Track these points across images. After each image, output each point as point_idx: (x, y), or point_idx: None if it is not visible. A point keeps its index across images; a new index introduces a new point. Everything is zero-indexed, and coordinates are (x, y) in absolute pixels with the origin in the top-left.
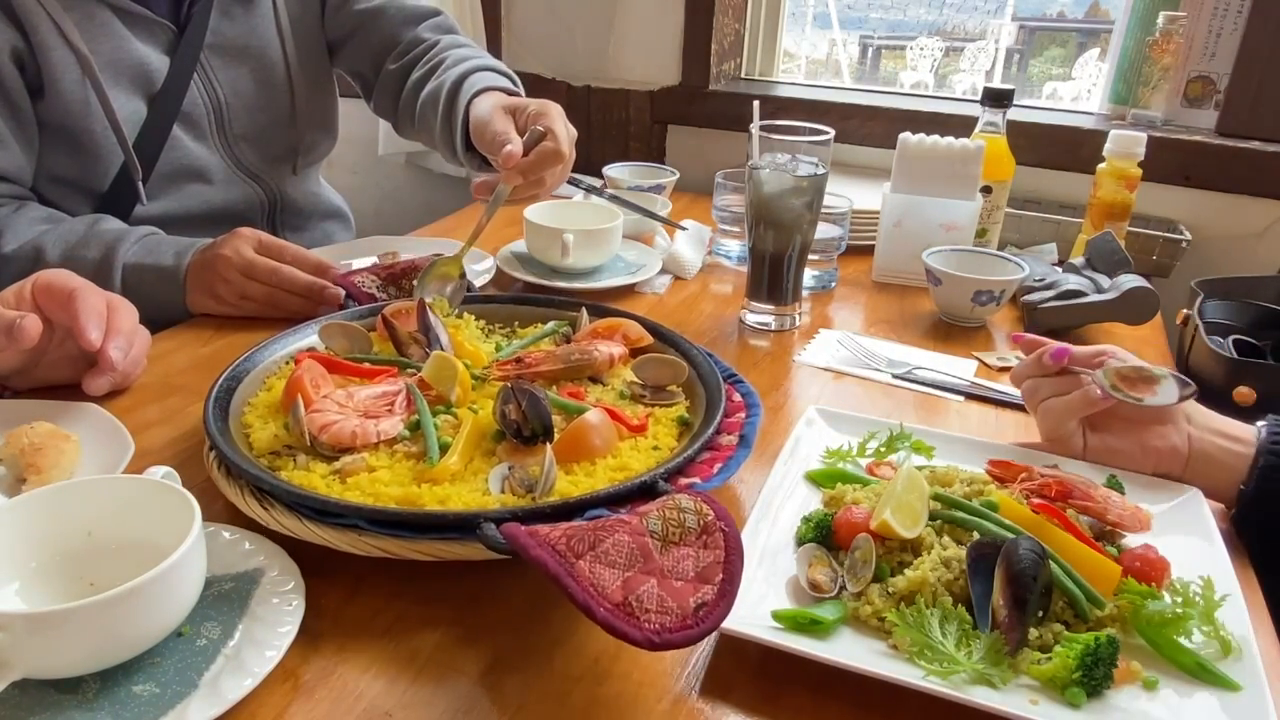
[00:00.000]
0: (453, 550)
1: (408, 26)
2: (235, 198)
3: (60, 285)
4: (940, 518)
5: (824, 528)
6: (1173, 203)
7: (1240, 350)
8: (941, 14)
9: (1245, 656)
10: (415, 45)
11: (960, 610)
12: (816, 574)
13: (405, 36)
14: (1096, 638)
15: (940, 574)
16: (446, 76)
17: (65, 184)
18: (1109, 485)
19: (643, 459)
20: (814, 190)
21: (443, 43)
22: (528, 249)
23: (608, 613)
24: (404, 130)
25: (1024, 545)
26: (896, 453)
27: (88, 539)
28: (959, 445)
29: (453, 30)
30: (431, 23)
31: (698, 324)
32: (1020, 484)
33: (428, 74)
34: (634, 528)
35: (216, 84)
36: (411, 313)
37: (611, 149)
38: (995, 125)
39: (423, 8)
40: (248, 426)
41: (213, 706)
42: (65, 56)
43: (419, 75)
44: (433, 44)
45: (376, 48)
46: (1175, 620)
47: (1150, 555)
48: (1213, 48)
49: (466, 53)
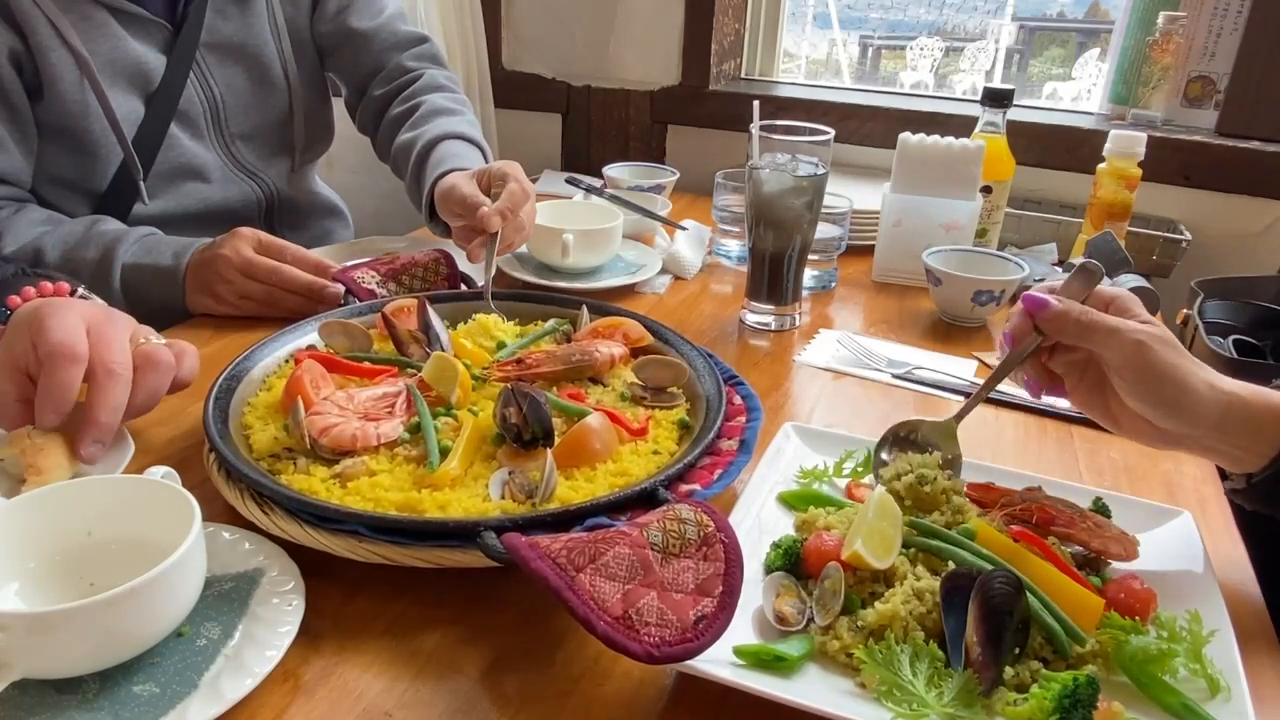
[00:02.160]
0: (453, 558)
1: (395, 52)
2: (233, 196)
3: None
4: (914, 545)
5: (793, 555)
6: (1173, 203)
7: (1240, 350)
8: (941, 14)
9: (1234, 696)
10: (399, 74)
11: (933, 647)
12: (783, 605)
13: (391, 62)
14: (1075, 677)
15: (912, 606)
16: (420, 135)
17: (64, 184)
18: (1095, 508)
19: (643, 464)
20: (814, 190)
21: (424, 79)
22: (528, 249)
23: (608, 626)
24: (381, 156)
25: (999, 577)
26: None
27: (88, 539)
28: None
29: (437, 59)
30: (416, 51)
31: (698, 324)
32: (1000, 509)
33: (405, 116)
34: (634, 540)
35: (213, 82)
36: (411, 310)
37: (611, 149)
38: (995, 125)
39: (412, 34)
40: (248, 428)
41: (213, 706)
42: (64, 57)
43: (397, 113)
44: (416, 76)
45: (363, 68)
46: (1160, 657)
47: (1135, 586)
48: (1213, 48)
49: (442, 101)
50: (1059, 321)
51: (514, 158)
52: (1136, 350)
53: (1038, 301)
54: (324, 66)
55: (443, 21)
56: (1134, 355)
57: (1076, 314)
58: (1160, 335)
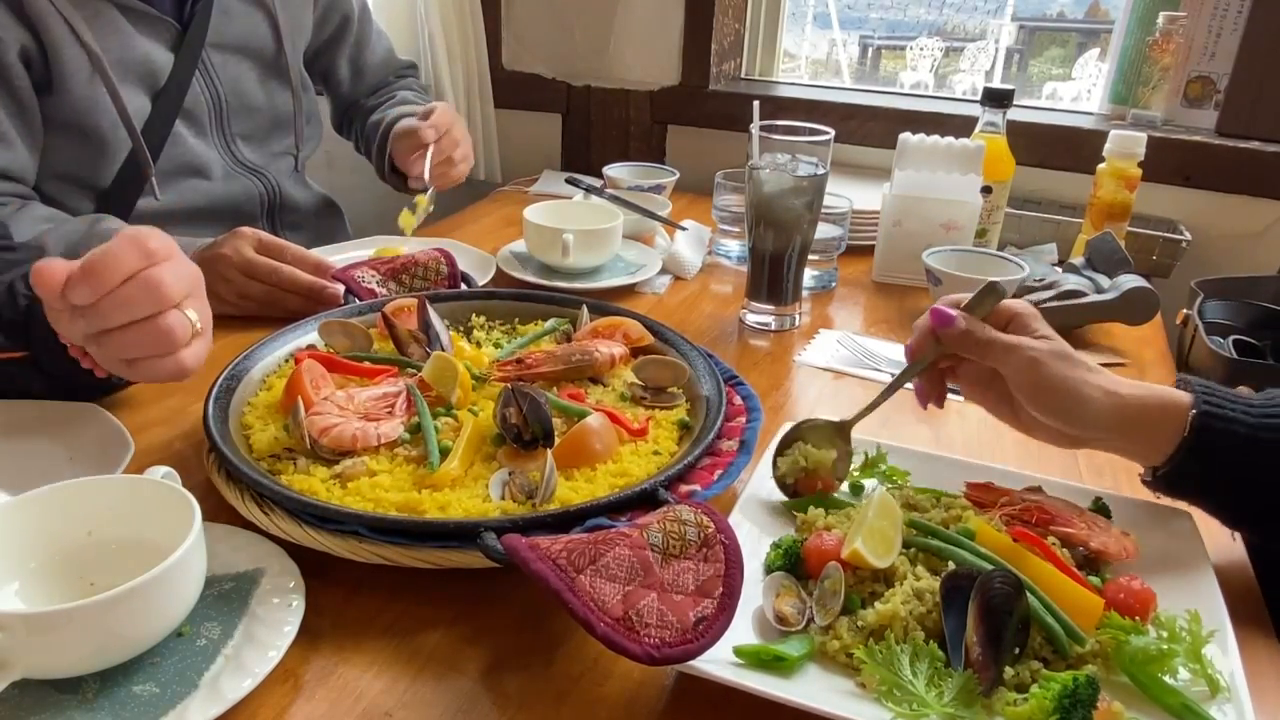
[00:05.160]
0: (453, 559)
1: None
2: (235, 193)
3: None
4: (914, 545)
5: (793, 555)
6: (1172, 203)
7: (1240, 350)
8: (941, 14)
9: (1234, 696)
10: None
11: (932, 647)
12: (784, 605)
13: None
14: (1075, 677)
15: (912, 606)
16: (385, 115)
17: (69, 180)
18: (1094, 508)
19: (643, 464)
20: (814, 190)
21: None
22: (528, 249)
23: (608, 628)
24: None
25: (999, 577)
26: (871, 478)
27: (88, 539)
28: (939, 465)
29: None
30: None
31: (698, 324)
32: (1000, 509)
33: (375, 106)
34: (635, 541)
35: (217, 81)
36: (411, 310)
37: (611, 149)
38: (995, 125)
39: (404, 62)
40: (248, 428)
41: (213, 706)
42: (76, 54)
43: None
44: (399, 87)
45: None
46: (1160, 657)
47: (1135, 587)
48: (1213, 48)
49: (409, 95)
50: (962, 339)
51: (514, 157)
52: (1031, 366)
53: (944, 317)
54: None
55: (443, 21)
56: (1029, 371)
57: (977, 332)
58: (1055, 350)
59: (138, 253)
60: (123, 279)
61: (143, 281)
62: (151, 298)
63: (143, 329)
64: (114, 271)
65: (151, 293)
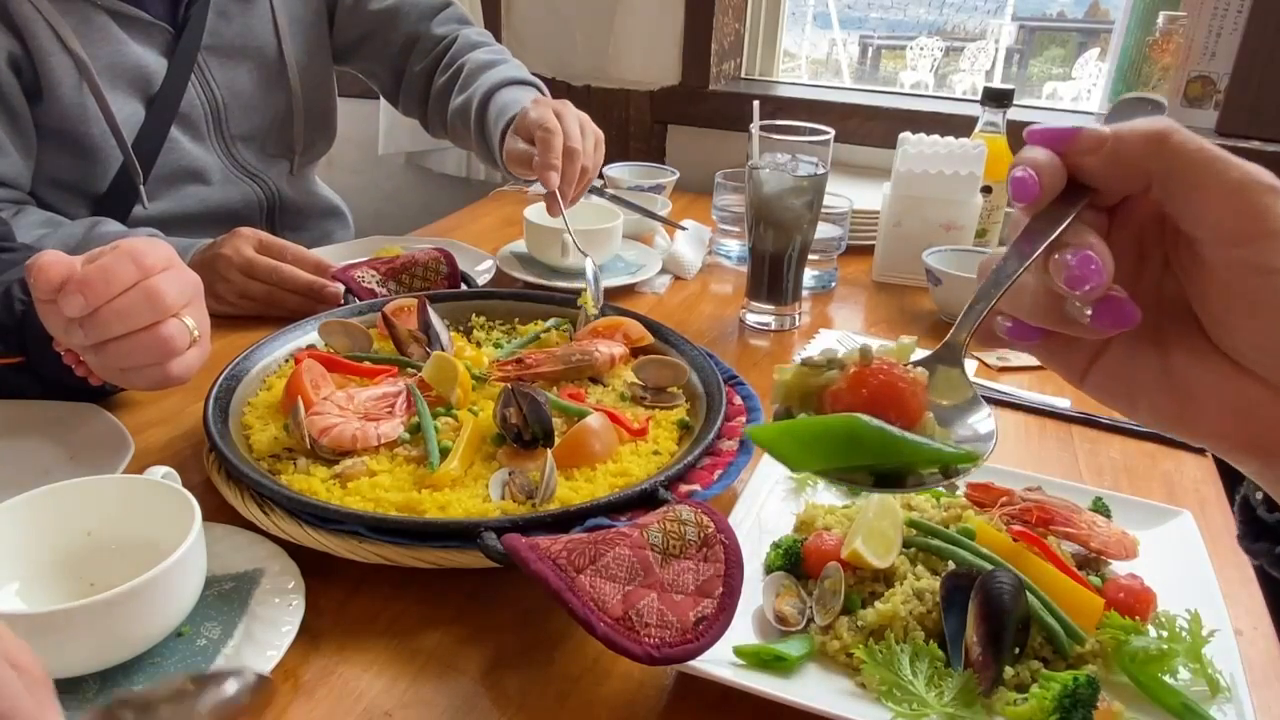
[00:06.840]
0: (453, 558)
1: (423, 22)
2: (234, 198)
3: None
4: (914, 545)
5: (793, 555)
6: None
7: None
8: (941, 14)
9: (1234, 696)
10: (435, 44)
11: (933, 646)
12: (784, 605)
13: (422, 33)
14: (1075, 677)
15: (912, 606)
16: (473, 94)
17: (63, 187)
18: (1094, 508)
19: (643, 464)
20: (814, 190)
21: (459, 41)
22: (528, 249)
23: (608, 627)
24: (435, 134)
25: (999, 577)
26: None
27: (88, 539)
28: None
29: (464, 19)
30: (444, 14)
31: (698, 324)
32: (1000, 509)
33: (450, 82)
34: (635, 541)
35: (214, 84)
36: (411, 310)
37: (611, 149)
38: (995, 125)
39: (434, 2)
40: (248, 428)
41: None
42: (63, 61)
43: (442, 82)
44: (450, 41)
45: (395, 47)
46: (1160, 657)
47: (1135, 586)
48: (1213, 48)
49: (483, 57)
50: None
51: None
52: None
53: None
54: (354, 62)
55: None
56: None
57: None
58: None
59: (135, 266)
60: (120, 290)
61: (142, 291)
62: (151, 307)
63: (142, 338)
64: (110, 285)
65: (151, 302)
